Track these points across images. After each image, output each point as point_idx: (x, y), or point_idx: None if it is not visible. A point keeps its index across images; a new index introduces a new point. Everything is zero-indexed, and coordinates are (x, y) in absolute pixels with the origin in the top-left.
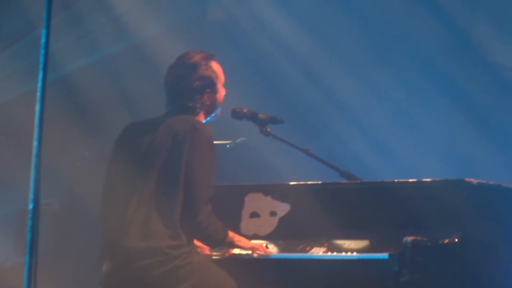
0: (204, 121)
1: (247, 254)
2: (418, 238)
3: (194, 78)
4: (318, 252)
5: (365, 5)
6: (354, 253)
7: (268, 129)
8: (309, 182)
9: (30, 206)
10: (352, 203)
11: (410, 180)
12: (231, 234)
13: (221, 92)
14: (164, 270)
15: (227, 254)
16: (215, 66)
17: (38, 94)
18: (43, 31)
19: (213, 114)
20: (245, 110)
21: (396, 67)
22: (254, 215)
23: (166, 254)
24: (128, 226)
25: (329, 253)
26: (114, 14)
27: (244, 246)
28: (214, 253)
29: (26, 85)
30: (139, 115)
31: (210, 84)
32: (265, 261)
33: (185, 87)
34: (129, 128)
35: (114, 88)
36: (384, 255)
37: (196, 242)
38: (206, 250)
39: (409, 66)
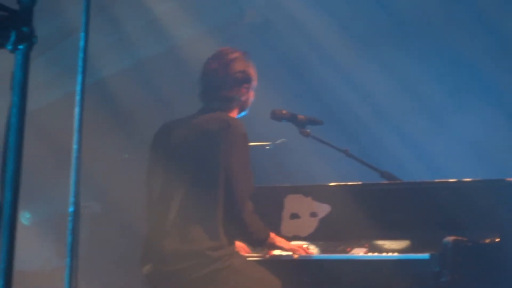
0: (236, 117)
1: (287, 255)
2: (459, 238)
3: (236, 69)
4: (359, 252)
5: (402, 6)
6: (395, 254)
7: (307, 130)
8: (349, 183)
9: (71, 209)
10: (392, 204)
11: (450, 180)
12: (272, 235)
13: (253, 93)
14: (204, 273)
15: (267, 256)
16: (253, 68)
17: (77, 97)
18: (82, 34)
19: (242, 113)
20: (284, 112)
21: (433, 68)
22: (294, 216)
23: (206, 256)
24: (168, 228)
25: (369, 254)
26: (152, 17)
27: (285, 248)
28: (255, 255)
29: (65, 88)
30: (177, 117)
31: (248, 79)
32: (306, 262)
33: (227, 75)
34: (163, 129)
35: (152, 90)
36: (425, 256)
37: (237, 244)
38: (244, 252)
39: (447, 68)
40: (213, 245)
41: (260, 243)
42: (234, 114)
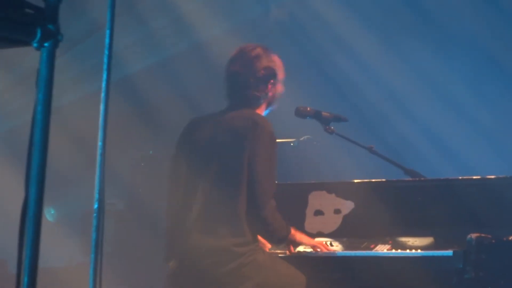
0: (264, 113)
1: (311, 252)
2: (483, 235)
3: (259, 68)
4: (383, 249)
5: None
6: (419, 251)
7: (332, 127)
8: (373, 180)
9: (95, 206)
10: (416, 201)
11: (474, 177)
12: (293, 231)
13: (281, 86)
14: (228, 268)
15: (288, 252)
16: (276, 58)
17: (102, 94)
18: (107, 32)
19: (271, 108)
20: (308, 109)
21: (459, 66)
22: (318, 213)
23: (230, 252)
24: (192, 224)
25: (393, 251)
26: (176, 14)
27: (306, 244)
28: (278, 251)
29: (90, 86)
30: (202, 114)
31: (273, 74)
32: (330, 259)
33: (251, 76)
34: (190, 125)
35: (177, 87)
36: (449, 252)
37: (260, 239)
38: (266, 247)
39: (472, 65)
40: (238, 241)
41: (281, 241)
42: (262, 110)
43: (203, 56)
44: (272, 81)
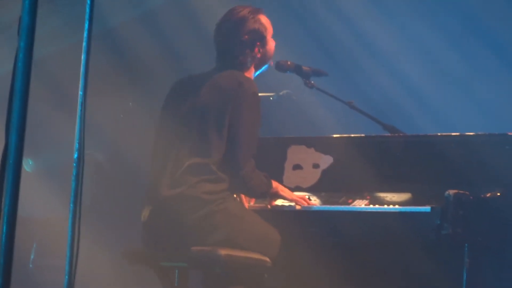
0: (255, 74)
1: (289, 206)
2: (460, 192)
3: (243, 32)
4: (360, 204)
5: None
6: (396, 206)
7: (312, 82)
8: (352, 135)
9: (75, 155)
10: (395, 157)
11: (453, 134)
12: (275, 184)
13: (271, 44)
14: (197, 216)
15: (269, 206)
16: (264, 19)
17: (84, 44)
18: None
19: (264, 67)
20: (289, 63)
21: (439, 21)
22: (297, 167)
23: (200, 199)
24: (167, 175)
25: (371, 206)
26: None
27: (288, 197)
28: (256, 205)
29: (72, 37)
30: (183, 67)
31: (259, 37)
32: (307, 213)
33: (235, 42)
34: (176, 85)
35: (159, 40)
36: (426, 208)
37: (242, 196)
38: (246, 203)
39: (452, 20)
40: (209, 189)
41: (261, 195)
42: (251, 72)
43: (187, 9)
44: (258, 43)
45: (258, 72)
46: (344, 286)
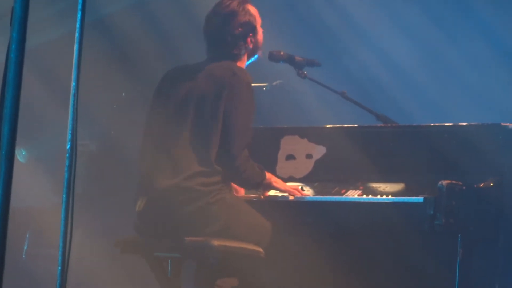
0: (246, 63)
1: (282, 196)
2: (453, 182)
3: (235, 26)
4: (353, 195)
5: None
6: (389, 196)
7: (305, 72)
8: (345, 125)
9: (68, 146)
10: (388, 147)
11: (446, 124)
12: (268, 175)
13: (260, 33)
14: (194, 207)
15: (262, 197)
16: (252, 9)
17: (77, 34)
18: None
19: (255, 56)
20: (282, 53)
21: (433, 9)
22: (290, 157)
23: (196, 191)
24: (161, 166)
25: (364, 196)
26: None
27: (281, 188)
28: (249, 195)
29: (65, 26)
30: (177, 57)
31: (251, 28)
32: (300, 204)
33: (228, 35)
34: (169, 74)
35: (152, 30)
36: (419, 199)
37: (233, 185)
38: (240, 192)
39: (446, 9)
40: (205, 181)
41: (255, 186)
42: (243, 61)
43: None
44: (251, 34)
45: (249, 62)
46: (338, 276)
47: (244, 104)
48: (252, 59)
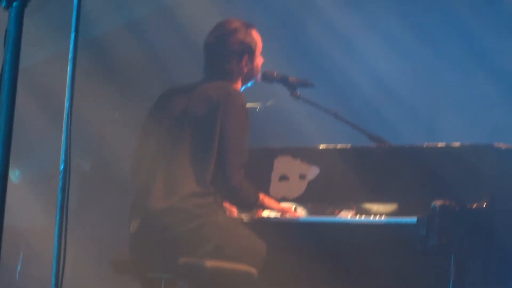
0: (241, 88)
1: (275, 217)
2: (447, 202)
3: (233, 41)
4: (347, 215)
5: None
6: (383, 217)
7: (298, 92)
8: (339, 146)
9: (61, 167)
10: (381, 167)
11: (439, 144)
12: (261, 196)
13: (259, 61)
14: (187, 228)
15: (255, 217)
16: (255, 34)
17: (70, 55)
18: None
19: (250, 82)
20: (275, 74)
21: (424, 29)
22: (283, 178)
23: (190, 212)
24: (156, 187)
25: (357, 217)
26: None
27: (274, 208)
28: (243, 216)
29: (58, 46)
30: (170, 77)
31: (248, 50)
32: (294, 224)
33: (224, 48)
34: (164, 95)
35: (145, 50)
36: (413, 219)
37: (226, 205)
38: (234, 213)
39: (437, 27)
40: (198, 202)
41: (249, 206)
42: (238, 85)
43: (173, 19)
44: (247, 56)
45: (243, 88)
46: None
47: (239, 125)
48: (248, 84)
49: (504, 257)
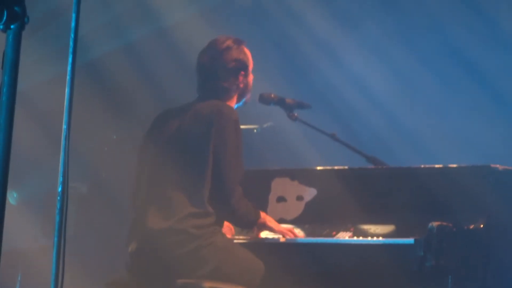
0: (236, 106)
1: (273, 238)
2: (444, 223)
3: (228, 59)
4: (344, 236)
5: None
6: (380, 238)
7: (295, 114)
8: (336, 167)
9: (59, 189)
10: (378, 188)
11: (436, 165)
12: (263, 214)
13: (251, 77)
14: (186, 250)
15: (255, 237)
16: (246, 50)
17: (68, 77)
18: (73, 15)
19: (243, 100)
20: (272, 95)
21: (423, 53)
22: (280, 199)
23: (189, 233)
24: (153, 208)
25: (355, 238)
26: None
27: (275, 229)
28: (241, 237)
29: (56, 68)
30: (167, 99)
31: (243, 66)
32: (291, 245)
33: (220, 67)
34: (160, 116)
35: (142, 72)
36: (410, 240)
37: (226, 224)
38: (229, 234)
39: (436, 53)
40: (197, 223)
41: (249, 225)
42: (233, 102)
43: (169, 41)
44: (242, 73)
45: (237, 105)
46: None
47: (232, 141)
48: (240, 103)
49: (501, 278)
